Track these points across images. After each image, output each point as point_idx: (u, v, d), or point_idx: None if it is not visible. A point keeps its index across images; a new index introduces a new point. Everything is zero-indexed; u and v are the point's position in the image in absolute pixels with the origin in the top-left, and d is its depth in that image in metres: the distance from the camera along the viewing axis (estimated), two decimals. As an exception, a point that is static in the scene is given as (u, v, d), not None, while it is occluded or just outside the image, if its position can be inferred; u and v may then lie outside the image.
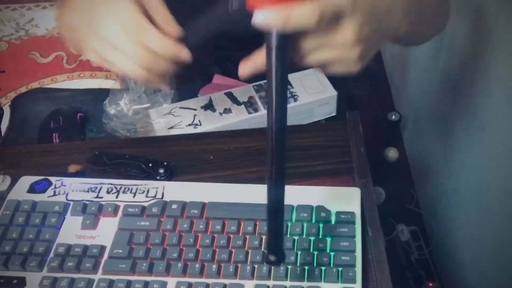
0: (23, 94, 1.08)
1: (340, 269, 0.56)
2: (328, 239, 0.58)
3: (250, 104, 0.79)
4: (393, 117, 1.30)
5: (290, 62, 0.44)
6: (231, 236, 0.59)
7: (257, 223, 0.60)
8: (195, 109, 0.78)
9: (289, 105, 0.77)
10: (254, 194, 0.62)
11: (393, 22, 0.53)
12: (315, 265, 0.57)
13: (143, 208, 0.62)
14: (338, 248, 0.57)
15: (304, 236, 0.59)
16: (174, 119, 0.77)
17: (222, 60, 0.90)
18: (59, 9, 0.60)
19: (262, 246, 0.58)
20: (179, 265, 0.57)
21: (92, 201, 0.63)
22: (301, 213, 0.60)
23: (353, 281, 0.56)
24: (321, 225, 0.59)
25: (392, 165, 1.28)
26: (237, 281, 0.56)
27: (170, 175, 0.68)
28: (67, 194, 0.64)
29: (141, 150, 0.71)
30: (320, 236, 0.59)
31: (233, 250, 0.58)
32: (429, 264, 1.25)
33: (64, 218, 0.62)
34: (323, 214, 0.60)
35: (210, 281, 0.56)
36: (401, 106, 1.55)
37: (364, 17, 0.47)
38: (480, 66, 0.94)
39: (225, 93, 0.81)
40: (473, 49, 0.96)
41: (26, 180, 0.66)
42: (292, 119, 0.79)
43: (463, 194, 1.10)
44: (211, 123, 0.76)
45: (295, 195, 0.62)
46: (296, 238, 0.59)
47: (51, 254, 0.60)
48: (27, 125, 0.96)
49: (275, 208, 0.47)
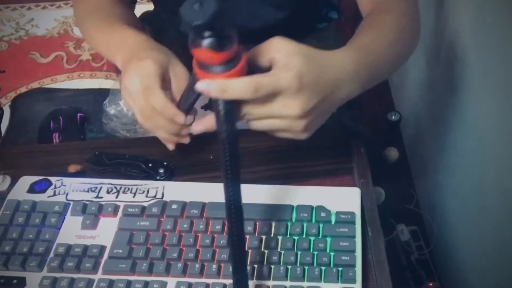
0: (23, 94, 1.09)
1: (340, 269, 0.56)
2: (328, 239, 0.58)
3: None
4: (393, 117, 1.29)
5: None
6: (231, 236, 0.59)
7: (257, 223, 0.60)
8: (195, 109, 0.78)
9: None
10: (254, 194, 0.62)
11: (342, 94, 0.54)
12: (315, 265, 0.57)
13: (143, 208, 0.62)
14: (338, 248, 0.57)
15: (304, 236, 0.59)
16: (174, 119, 0.77)
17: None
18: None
19: (262, 247, 0.58)
20: (179, 265, 0.57)
21: (92, 201, 0.63)
22: (301, 213, 0.60)
23: (353, 281, 0.56)
24: (321, 225, 0.59)
25: (392, 165, 1.27)
26: (237, 281, 0.56)
27: (170, 175, 0.68)
28: (67, 194, 0.64)
29: (141, 150, 0.71)
30: (320, 236, 0.59)
31: (233, 250, 0.58)
32: (429, 264, 1.24)
33: (64, 218, 0.62)
34: (323, 214, 0.60)
35: (210, 281, 0.56)
36: (401, 106, 1.55)
37: (310, 93, 0.50)
38: (480, 66, 0.94)
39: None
40: (473, 49, 0.96)
41: (26, 180, 0.66)
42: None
43: (463, 194, 1.10)
44: (211, 123, 0.76)
45: (295, 195, 0.62)
46: (296, 238, 0.59)
47: (51, 254, 0.60)
48: (27, 125, 0.96)
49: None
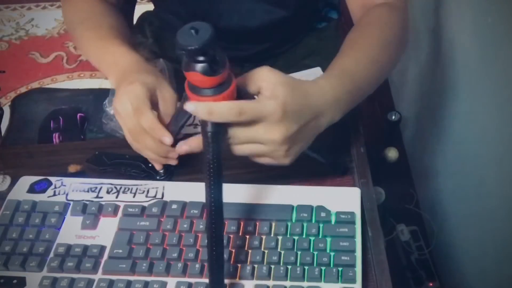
0: (23, 94, 1.08)
1: (340, 269, 0.56)
2: (328, 239, 0.58)
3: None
4: (393, 117, 1.29)
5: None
6: (231, 236, 0.59)
7: (257, 223, 0.60)
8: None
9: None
10: (254, 194, 0.62)
11: (322, 121, 0.56)
12: (315, 265, 0.57)
13: (143, 208, 0.62)
14: (338, 248, 0.57)
15: (304, 236, 0.59)
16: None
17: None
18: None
19: (262, 246, 0.58)
20: (179, 265, 0.57)
21: (92, 201, 0.63)
22: (301, 213, 0.60)
23: (353, 281, 0.55)
24: (321, 225, 0.59)
25: (392, 165, 1.27)
26: (237, 281, 0.56)
27: (170, 175, 0.68)
28: (67, 194, 0.64)
29: (141, 150, 0.71)
30: (320, 236, 0.59)
31: (233, 250, 0.58)
32: (429, 264, 1.24)
33: (64, 218, 0.62)
34: (323, 214, 0.60)
35: (210, 281, 0.56)
36: (401, 106, 1.55)
37: (292, 121, 0.52)
38: (480, 66, 0.94)
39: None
40: (473, 49, 0.96)
41: (26, 180, 0.66)
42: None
43: (463, 194, 1.10)
44: (211, 123, 0.76)
45: (295, 195, 0.62)
46: (296, 238, 0.59)
47: (51, 254, 0.60)
48: (27, 125, 0.96)
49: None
